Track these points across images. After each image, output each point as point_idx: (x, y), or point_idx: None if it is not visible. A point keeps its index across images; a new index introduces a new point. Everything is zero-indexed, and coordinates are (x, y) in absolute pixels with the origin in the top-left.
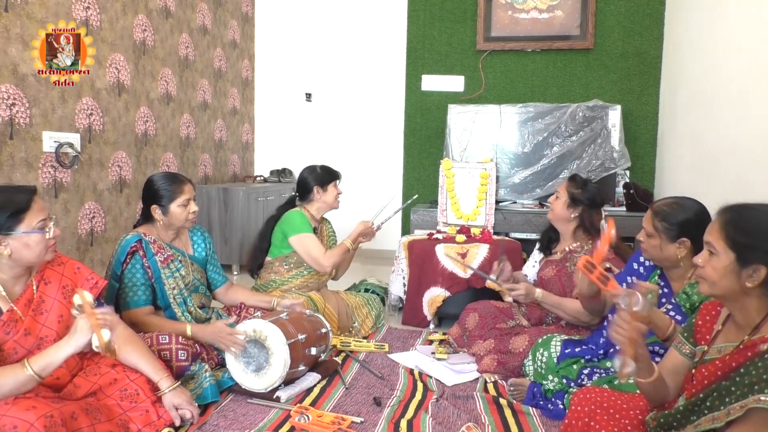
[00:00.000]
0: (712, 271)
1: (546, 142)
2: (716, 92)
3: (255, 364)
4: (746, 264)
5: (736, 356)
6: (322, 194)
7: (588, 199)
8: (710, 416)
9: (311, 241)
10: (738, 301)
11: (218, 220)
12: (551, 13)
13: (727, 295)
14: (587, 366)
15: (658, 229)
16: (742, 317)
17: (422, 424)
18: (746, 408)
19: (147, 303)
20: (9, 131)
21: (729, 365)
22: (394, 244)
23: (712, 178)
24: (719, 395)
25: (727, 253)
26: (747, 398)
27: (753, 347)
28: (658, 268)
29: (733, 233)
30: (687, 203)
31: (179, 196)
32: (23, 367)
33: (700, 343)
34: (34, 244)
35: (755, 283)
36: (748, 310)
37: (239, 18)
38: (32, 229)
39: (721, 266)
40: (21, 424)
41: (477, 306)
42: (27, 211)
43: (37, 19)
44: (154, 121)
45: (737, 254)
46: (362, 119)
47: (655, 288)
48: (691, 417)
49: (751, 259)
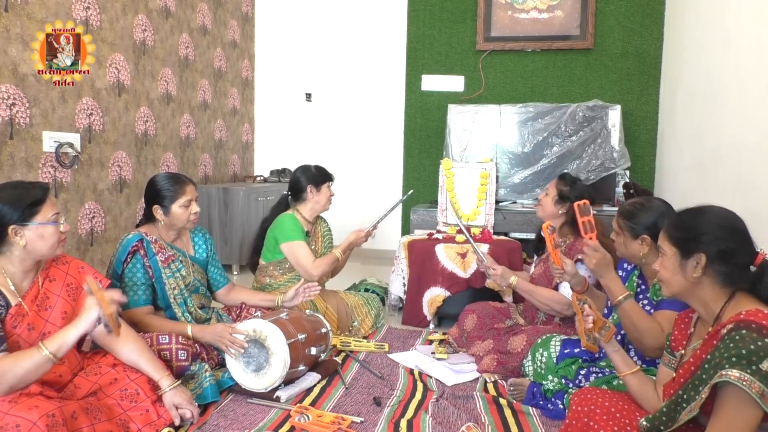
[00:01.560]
0: (664, 271)
1: (546, 142)
2: (716, 92)
3: (255, 364)
4: (688, 255)
5: (704, 347)
6: (316, 194)
7: (575, 197)
8: (687, 408)
9: (302, 250)
10: (694, 295)
11: (218, 220)
12: (551, 13)
13: (683, 291)
14: (584, 366)
15: (621, 227)
16: (704, 311)
17: (422, 424)
18: (710, 386)
19: (147, 303)
20: (9, 131)
21: (699, 358)
22: (394, 244)
23: (712, 178)
24: (693, 386)
25: (671, 249)
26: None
27: (716, 335)
28: (637, 268)
29: (672, 231)
30: (653, 203)
31: (181, 196)
32: (39, 349)
33: (678, 350)
34: (48, 235)
35: (699, 271)
36: (707, 302)
37: (239, 18)
38: (47, 221)
39: (670, 264)
40: (23, 422)
41: (475, 307)
42: (43, 204)
43: (37, 19)
44: (154, 121)
45: (678, 248)
46: (362, 119)
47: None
48: (674, 415)
49: (691, 249)
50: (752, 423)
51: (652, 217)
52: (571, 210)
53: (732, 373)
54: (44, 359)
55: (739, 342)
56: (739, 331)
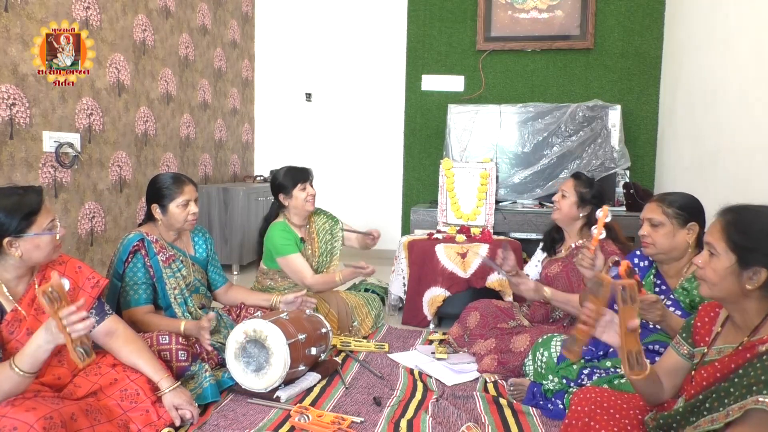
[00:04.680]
0: (712, 272)
1: (546, 142)
2: (716, 92)
3: (255, 363)
4: (747, 266)
5: (735, 358)
6: (290, 201)
7: (596, 198)
8: (709, 417)
9: (296, 263)
10: (737, 303)
11: (218, 220)
12: (551, 13)
13: (727, 297)
14: (587, 366)
15: (669, 215)
16: (741, 319)
17: (422, 424)
18: (744, 409)
19: (148, 302)
20: (9, 131)
21: (728, 367)
22: (394, 244)
23: (712, 178)
24: (718, 397)
25: (728, 254)
26: (746, 399)
27: (752, 348)
28: (654, 267)
29: (734, 235)
30: (687, 194)
31: (179, 196)
32: (11, 369)
33: (699, 344)
34: (44, 245)
35: (755, 285)
36: (748, 312)
37: (239, 18)
38: (43, 231)
39: (721, 268)
40: (21, 425)
41: (478, 305)
42: (38, 213)
43: (37, 19)
44: (154, 121)
45: (738, 256)
46: (362, 119)
47: (631, 284)
48: (691, 418)
49: (751, 261)
50: None
51: (696, 205)
52: (592, 213)
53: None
54: (21, 378)
55: None
56: None
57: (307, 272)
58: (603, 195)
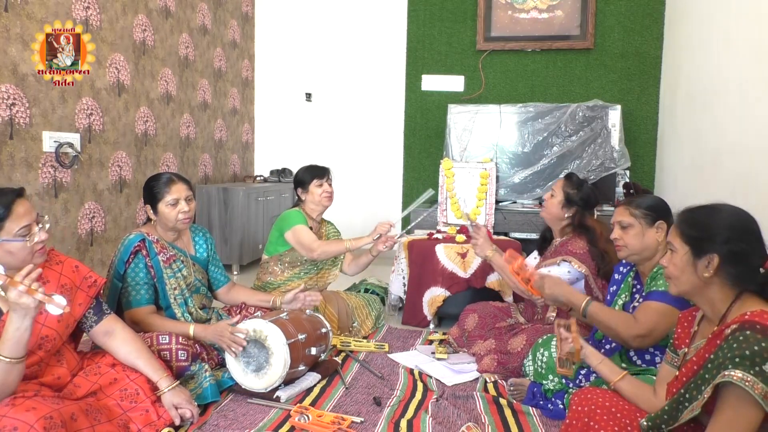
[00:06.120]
0: (673, 267)
1: (546, 142)
2: (716, 92)
3: (255, 363)
4: (701, 255)
5: (708, 347)
6: (307, 195)
7: (582, 200)
8: (690, 407)
9: (304, 231)
10: (702, 294)
11: (218, 220)
12: (551, 13)
13: (691, 289)
14: (585, 366)
15: (636, 216)
16: (710, 311)
17: (422, 424)
18: (714, 385)
19: (149, 302)
20: (9, 131)
21: (702, 357)
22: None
23: (712, 178)
24: (696, 386)
25: (683, 247)
26: (715, 378)
27: (720, 334)
28: (633, 270)
29: (686, 228)
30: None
31: (167, 195)
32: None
33: (681, 348)
34: (16, 251)
35: (711, 272)
36: (715, 303)
37: (239, 18)
38: (12, 237)
39: (679, 261)
40: (21, 425)
41: (476, 307)
42: (6, 219)
43: (37, 19)
44: (154, 121)
45: (691, 246)
46: (362, 119)
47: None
48: (675, 414)
49: (704, 249)
50: (753, 424)
51: (661, 204)
52: (577, 214)
53: (735, 373)
54: (8, 365)
55: (743, 342)
56: (744, 332)
57: (315, 242)
58: (591, 199)
